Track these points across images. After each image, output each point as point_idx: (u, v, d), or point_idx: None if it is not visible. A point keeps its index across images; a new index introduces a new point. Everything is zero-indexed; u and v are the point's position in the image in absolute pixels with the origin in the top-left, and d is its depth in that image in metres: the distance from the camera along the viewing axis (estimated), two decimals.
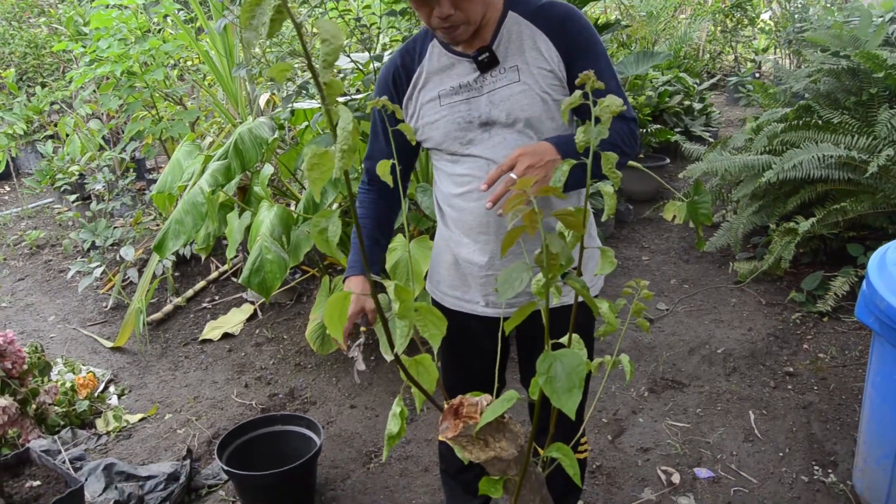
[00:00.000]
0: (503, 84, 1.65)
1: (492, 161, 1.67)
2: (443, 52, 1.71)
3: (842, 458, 2.64)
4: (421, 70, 1.72)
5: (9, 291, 4.83)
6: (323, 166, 1.03)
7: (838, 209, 3.66)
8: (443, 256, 1.91)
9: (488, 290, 1.83)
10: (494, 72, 1.66)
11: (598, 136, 1.16)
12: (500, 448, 1.33)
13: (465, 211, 1.76)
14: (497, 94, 1.65)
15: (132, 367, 3.74)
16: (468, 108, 1.67)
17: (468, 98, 1.67)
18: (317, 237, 1.08)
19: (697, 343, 3.52)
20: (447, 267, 1.90)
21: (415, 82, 1.73)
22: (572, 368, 1.10)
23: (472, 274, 1.83)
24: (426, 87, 1.72)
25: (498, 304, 1.86)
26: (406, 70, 1.74)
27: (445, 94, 1.69)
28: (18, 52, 8.05)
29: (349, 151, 1.00)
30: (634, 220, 5.20)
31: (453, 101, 1.68)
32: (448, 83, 1.69)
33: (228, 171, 2.99)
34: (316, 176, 1.04)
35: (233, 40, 3.96)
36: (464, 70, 1.68)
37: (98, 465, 2.68)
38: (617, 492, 2.57)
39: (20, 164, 7.53)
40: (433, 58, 1.72)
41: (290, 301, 4.22)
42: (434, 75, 1.71)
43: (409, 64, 1.74)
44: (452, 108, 1.68)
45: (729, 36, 9.64)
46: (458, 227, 1.81)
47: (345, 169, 1.00)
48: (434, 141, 1.73)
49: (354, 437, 2.99)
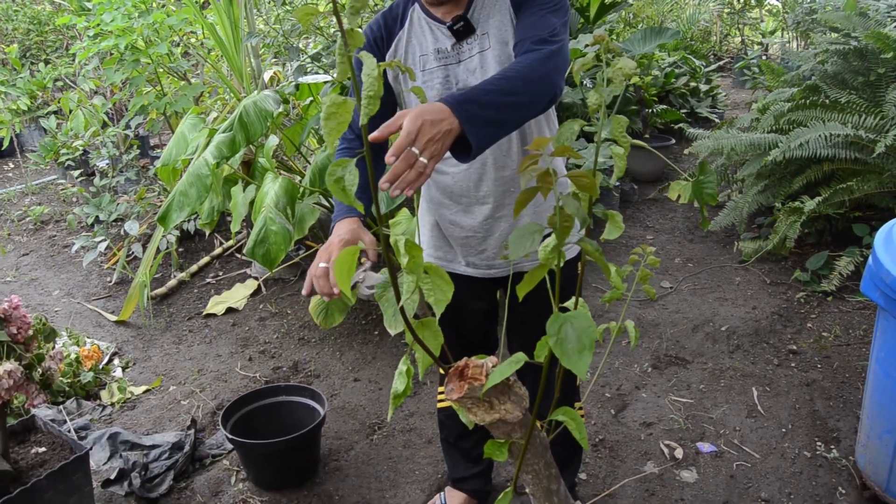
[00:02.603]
0: (477, 51, 1.67)
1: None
2: (422, 17, 1.72)
3: (844, 434, 2.65)
4: (402, 34, 1.74)
5: (13, 266, 4.84)
6: (340, 116, 1.02)
7: (844, 188, 3.64)
8: (425, 218, 1.97)
9: (469, 251, 1.89)
10: (470, 39, 1.68)
11: (610, 95, 1.15)
12: (505, 410, 1.33)
13: (447, 175, 1.81)
14: (472, 61, 1.68)
15: (136, 341, 3.75)
16: (445, 75, 1.70)
17: (446, 65, 1.70)
18: (333, 186, 1.07)
19: (701, 320, 3.52)
20: (430, 228, 1.96)
21: (396, 45, 1.75)
22: (583, 330, 1.10)
23: (453, 235, 1.90)
24: (408, 51, 1.74)
25: (478, 266, 1.91)
26: (388, 32, 1.76)
27: (426, 59, 1.71)
28: (21, 28, 8.02)
29: (374, 98, 0.99)
30: (639, 200, 5.19)
31: (432, 67, 1.70)
32: (428, 48, 1.71)
33: (233, 144, 2.97)
34: (332, 125, 1.03)
35: (238, 13, 3.94)
36: (442, 35, 1.70)
37: (103, 434, 2.70)
38: (620, 465, 2.58)
39: (24, 140, 7.53)
40: (413, 22, 1.74)
41: (293, 276, 4.22)
42: (415, 39, 1.73)
43: (391, 26, 1.76)
44: (431, 73, 1.70)
45: (736, 18, 9.57)
46: (438, 190, 1.86)
47: (370, 115, 1.00)
48: (413, 105, 1.73)
49: (358, 409, 3.00)
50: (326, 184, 1.07)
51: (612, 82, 1.15)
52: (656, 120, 5.63)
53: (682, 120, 5.74)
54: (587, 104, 1.18)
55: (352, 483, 2.57)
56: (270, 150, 3.01)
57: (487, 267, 1.90)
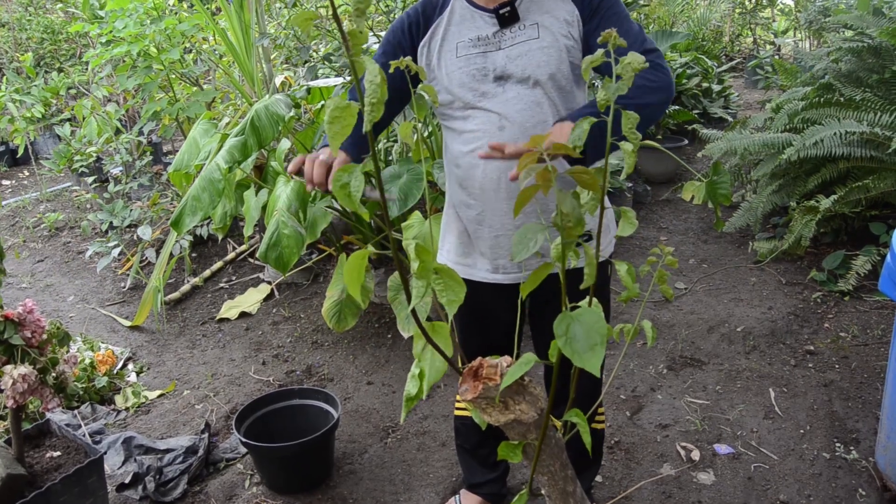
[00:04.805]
0: (522, 40, 1.68)
1: (503, 116, 1.69)
2: (465, 5, 1.74)
3: (864, 435, 2.61)
4: (441, 21, 1.75)
5: (29, 272, 4.87)
6: (344, 120, 1.01)
7: (860, 187, 3.60)
8: (452, 225, 1.92)
9: (498, 252, 1.83)
10: (514, 27, 1.69)
11: (616, 92, 1.14)
12: (520, 411, 1.31)
13: (477, 168, 1.75)
14: (515, 48, 1.68)
15: (150, 346, 3.76)
16: (484, 61, 1.70)
17: (485, 51, 1.70)
18: (339, 191, 1.06)
19: (716, 321, 3.49)
20: (457, 235, 1.91)
21: (433, 31, 1.76)
22: (591, 326, 1.08)
23: (481, 237, 1.83)
24: (445, 38, 1.75)
25: (507, 269, 1.85)
26: (426, 19, 1.77)
27: (463, 45, 1.72)
28: (35, 37, 8.10)
29: (378, 104, 0.98)
30: (653, 202, 5.16)
31: (470, 52, 1.71)
32: (467, 35, 1.72)
33: (245, 148, 2.98)
34: (336, 130, 1.02)
35: (249, 18, 3.95)
36: (483, 24, 1.71)
37: (117, 438, 2.70)
38: (636, 467, 2.55)
39: (39, 148, 7.59)
40: (455, 10, 1.75)
41: (306, 281, 4.22)
42: (454, 27, 1.74)
43: (430, 13, 1.77)
44: (469, 59, 1.71)
45: (748, 17, 9.52)
46: (467, 188, 1.81)
47: (374, 122, 0.99)
48: (447, 91, 1.74)
49: (372, 412, 3.00)
50: (332, 189, 1.07)
51: (620, 79, 1.14)
52: (669, 121, 5.59)
53: (695, 120, 5.71)
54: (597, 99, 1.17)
55: (366, 486, 2.56)
56: (282, 153, 3.02)
57: (518, 269, 1.84)
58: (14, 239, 5.51)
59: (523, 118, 1.68)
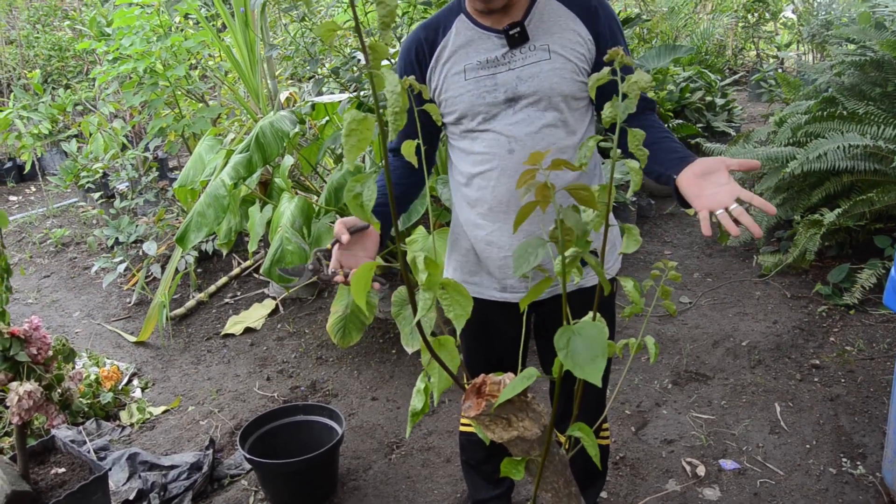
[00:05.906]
0: (533, 61, 1.66)
1: (512, 138, 1.67)
2: (470, 26, 1.71)
3: (871, 450, 2.60)
4: (445, 44, 1.72)
5: (35, 288, 4.89)
6: (361, 133, 1.01)
7: (864, 200, 3.60)
8: (459, 243, 1.90)
9: (507, 272, 1.81)
10: (524, 48, 1.67)
11: (625, 111, 1.14)
12: (524, 428, 1.31)
13: (486, 190, 1.74)
14: (526, 70, 1.66)
15: (155, 361, 3.77)
16: (494, 83, 1.67)
17: (495, 73, 1.67)
18: (351, 202, 1.06)
19: (721, 336, 3.48)
20: (464, 253, 1.89)
21: (438, 55, 1.73)
22: (592, 338, 1.08)
23: (490, 257, 1.82)
24: (451, 61, 1.71)
25: (516, 289, 1.84)
26: (429, 44, 1.74)
27: (472, 67, 1.69)
28: (43, 54, 8.17)
29: (401, 113, 0.98)
30: (657, 216, 5.16)
31: (479, 75, 1.68)
32: (475, 57, 1.69)
33: (250, 164, 3.00)
34: (353, 143, 1.01)
35: (254, 35, 3.99)
36: (492, 45, 1.69)
37: (122, 454, 2.70)
38: (641, 483, 2.54)
39: (45, 164, 7.64)
40: (459, 32, 1.72)
41: (311, 296, 4.23)
42: (460, 49, 1.71)
43: (432, 37, 1.74)
44: (478, 81, 1.68)
45: (751, 31, 9.55)
46: (476, 209, 1.80)
47: (398, 130, 0.99)
48: (457, 114, 1.72)
49: (376, 428, 2.99)
50: (345, 199, 1.07)
51: (626, 97, 1.14)
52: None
53: (699, 134, 5.72)
54: (602, 119, 1.17)
55: (370, 503, 2.56)
56: (286, 170, 3.03)
57: (526, 289, 1.81)
58: (21, 254, 5.53)
59: (534, 141, 1.67)
